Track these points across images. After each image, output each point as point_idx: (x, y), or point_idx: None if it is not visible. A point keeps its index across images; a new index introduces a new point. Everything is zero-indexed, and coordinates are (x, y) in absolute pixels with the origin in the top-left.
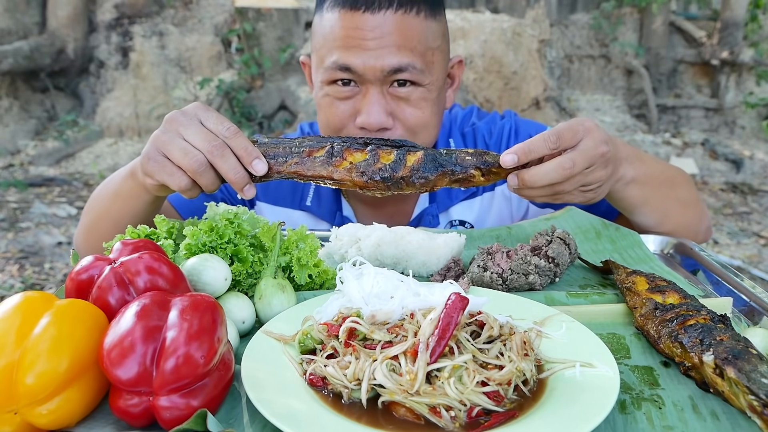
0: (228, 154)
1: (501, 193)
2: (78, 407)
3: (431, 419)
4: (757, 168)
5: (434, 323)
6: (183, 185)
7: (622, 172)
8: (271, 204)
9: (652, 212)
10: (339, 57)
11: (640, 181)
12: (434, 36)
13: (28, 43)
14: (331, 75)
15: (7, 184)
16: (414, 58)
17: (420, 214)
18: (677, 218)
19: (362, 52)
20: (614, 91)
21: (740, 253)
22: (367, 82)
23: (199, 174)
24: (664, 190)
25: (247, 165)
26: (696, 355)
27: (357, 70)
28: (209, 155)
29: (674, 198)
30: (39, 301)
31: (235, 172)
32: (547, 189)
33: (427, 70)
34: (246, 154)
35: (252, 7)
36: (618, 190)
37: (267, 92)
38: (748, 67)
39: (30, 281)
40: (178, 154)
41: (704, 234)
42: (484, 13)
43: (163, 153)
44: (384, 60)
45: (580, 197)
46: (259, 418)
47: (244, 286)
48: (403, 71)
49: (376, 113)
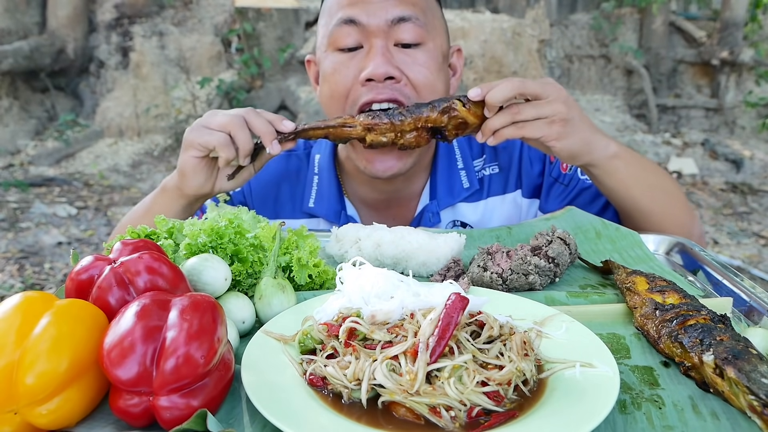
0: (259, 116)
1: (512, 200)
2: (78, 407)
3: (431, 419)
4: (757, 168)
5: (434, 323)
6: (222, 139)
7: (604, 141)
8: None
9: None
10: (344, 12)
11: (624, 159)
12: (434, 6)
13: (28, 43)
14: (336, 34)
15: (7, 184)
16: (417, 11)
17: (421, 211)
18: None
19: (366, 4)
20: (614, 91)
21: (740, 253)
22: (371, 36)
23: (237, 128)
24: (651, 177)
25: (277, 125)
26: (696, 355)
27: (361, 21)
28: (245, 116)
29: (661, 189)
30: (39, 301)
31: (266, 126)
32: (507, 115)
33: (429, 26)
34: (275, 119)
35: (252, 7)
36: (603, 162)
37: (267, 92)
38: (748, 67)
39: (30, 281)
40: (218, 118)
41: (698, 240)
42: (484, 13)
43: (204, 124)
44: (387, 10)
45: (546, 129)
46: (259, 418)
47: (244, 286)
48: (407, 21)
49: (382, 63)
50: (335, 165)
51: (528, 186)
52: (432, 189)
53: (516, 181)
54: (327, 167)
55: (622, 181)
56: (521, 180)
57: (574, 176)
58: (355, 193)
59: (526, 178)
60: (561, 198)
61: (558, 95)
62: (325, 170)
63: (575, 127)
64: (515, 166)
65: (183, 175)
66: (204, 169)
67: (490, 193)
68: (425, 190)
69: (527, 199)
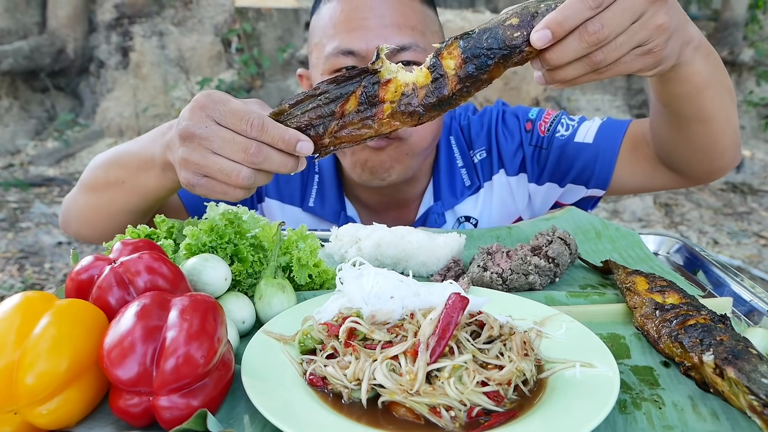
0: (269, 154)
1: (498, 182)
2: (78, 407)
3: (431, 419)
4: (757, 168)
5: (434, 323)
6: (240, 196)
7: (691, 31)
8: (280, 201)
9: (711, 101)
10: (341, 41)
11: (704, 50)
12: (432, 22)
13: (28, 43)
14: (333, 62)
15: (7, 184)
16: (416, 37)
17: (425, 213)
18: (731, 114)
19: (364, 32)
20: (614, 91)
21: (740, 253)
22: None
23: (251, 183)
24: (722, 73)
25: (292, 152)
26: (696, 355)
27: (360, 52)
28: (252, 165)
29: (727, 88)
30: (39, 301)
31: (284, 166)
32: (584, 65)
33: (429, 47)
34: (286, 144)
35: (252, 7)
36: (687, 59)
37: (267, 92)
38: (748, 67)
39: (30, 281)
40: (221, 176)
41: (737, 150)
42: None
43: (203, 175)
44: (387, 39)
45: (640, 62)
46: (259, 418)
47: (244, 286)
48: (407, 50)
49: None
50: (336, 165)
51: (509, 163)
52: (436, 191)
53: (498, 162)
54: (328, 167)
55: (700, 84)
56: (502, 159)
57: (553, 137)
58: (355, 195)
59: (505, 155)
60: (543, 163)
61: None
62: (326, 170)
63: (674, 37)
64: (494, 146)
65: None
66: None
67: (483, 179)
68: (428, 192)
69: (513, 177)
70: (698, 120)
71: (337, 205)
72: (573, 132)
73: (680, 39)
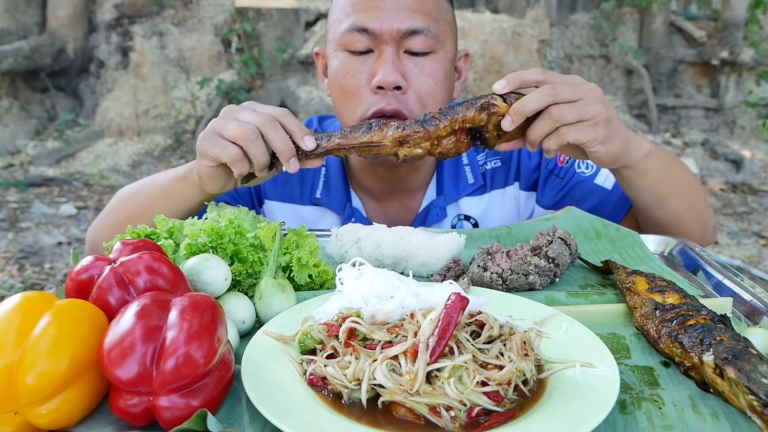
0: (278, 127)
1: (511, 193)
2: (78, 407)
3: (431, 419)
4: (757, 168)
5: (434, 323)
6: (234, 155)
7: (638, 140)
8: (280, 201)
9: (670, 195)
10: (356, 19)
11: (656, 157)
12: (447, 12)
13: (28, 43)
14: (348, 39)
15: (7, 184)
16: (429, 22)
17: (428, 206)
18: (693, 205)
19: (380, 13)
20: (614, 91)
21: (740, 253)
22: (382, 43)
23: (250, 142)
24: (678, 173)
25: (298, 140)
26: (696, 355)
27: (374, 30)
28: (261, 126)
29: (687, 184)
30: (39, 301)
31: (284, 143)
32: (549, 120)
33: (441, 35)
34: (298, 130)
35: (252, 7)
36: (638, 162)
37: (267, 92)
38: (748, 67)
39: (30, 281)
40: (233, 126)
41: (712, 231)
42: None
43: (217, 132)
44: (401, 21)
45: (591, 132)
46: (259, 418)
47: (244, 286)
48: (419, 33)
49: (392, 71)
50: (342, 158)
51: (525, 178)
52: (439, 184)
53: (515, 174)
54: (334, 158)
55: (653, 180)
56: (520, 172)
57: (571, 169)
58: (360, 184)
59: (524, 170)
60: (556, 191)
61: (595, 95)
62: (332, 161)
63: (616, 128)
64: (515, 159)
65: (201, 180)
66: (221, 174)
67: (493, 186)
68: (431, 185)
69: (524, 192)
70: (662, 208)
71: (343, 196)
72: (594, 174)
73: (626, 139)
